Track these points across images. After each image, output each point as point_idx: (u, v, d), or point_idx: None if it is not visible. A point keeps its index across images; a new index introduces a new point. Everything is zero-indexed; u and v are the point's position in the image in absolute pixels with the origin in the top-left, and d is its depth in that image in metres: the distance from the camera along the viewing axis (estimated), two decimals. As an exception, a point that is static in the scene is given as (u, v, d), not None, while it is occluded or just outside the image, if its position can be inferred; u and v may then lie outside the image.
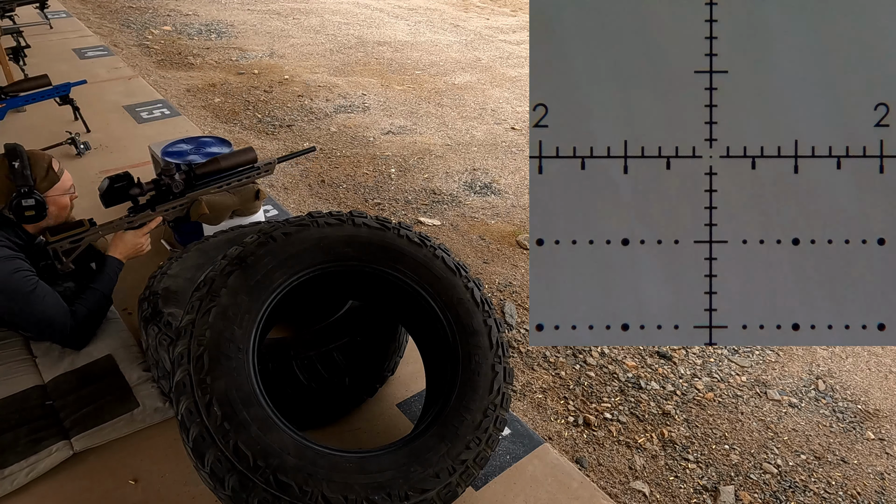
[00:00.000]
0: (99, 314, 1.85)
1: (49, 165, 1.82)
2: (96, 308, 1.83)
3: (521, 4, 8.33)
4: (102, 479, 1.52)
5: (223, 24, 6.54)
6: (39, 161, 1.80)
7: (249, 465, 1.17)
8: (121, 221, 1.94)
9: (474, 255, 3.13)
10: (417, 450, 1.33)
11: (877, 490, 2.08)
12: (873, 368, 2.57)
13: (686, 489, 2.05)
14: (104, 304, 1.87)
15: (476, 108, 4.91)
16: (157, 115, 3.66)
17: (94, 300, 1.83)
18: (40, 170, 1.79)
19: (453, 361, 1.47)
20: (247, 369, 1.28)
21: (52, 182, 1.82)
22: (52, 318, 1.73)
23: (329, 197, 3.59)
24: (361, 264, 1.52)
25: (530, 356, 2.53)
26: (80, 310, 1.78)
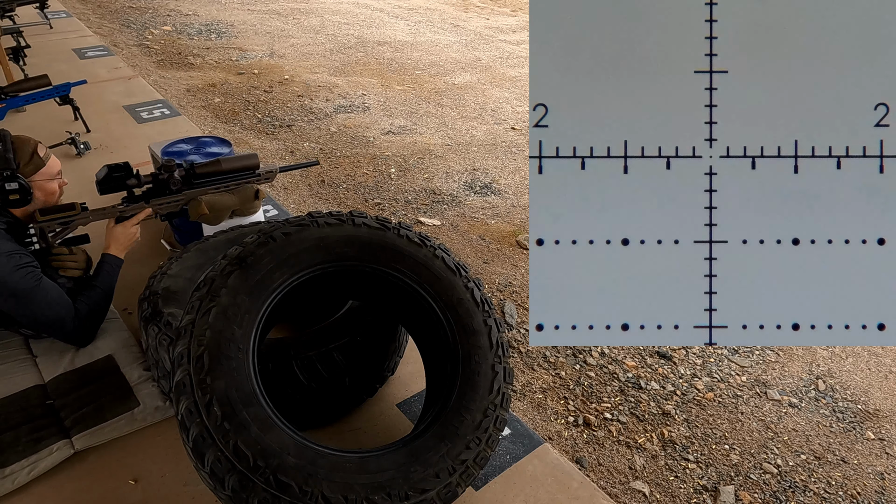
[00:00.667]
0: (101, 312, 1.85)
1: (34, 150, 1.80)
2: (98, 306, 1.83)
3: (521, 4, 8.33)
4: (102, 479, 1.52)
5: (223, 24, 6.54)
6: (23, 146, 1.78)
7: (249, 465, 1.17)
8: (113, 209, 1.93)
9: (474, 255, 3.13)
10: (417, 450, 1.33)
11: (877, 490, 2.08)
12: (873, 368, 2.57)
13: (686, 489, 2.05)
14: (105, 302, 1.87)
15: (476, 108, 4.91)
16: (157, 115, 3.66)
17: (95, 298, 1.83)
18: (24, 154, 1.77)
19: (453, 361, 1.47)
20: (247, 369, 1.28)
21: (37, 167, 1.80)
22: (55, 316, 1.72)
23: (329, 197, 3.59)
24: (361, 264, 1.52)
25: (530, 356, 2.53)
26: (82, 307, 1.78)
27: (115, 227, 1.93)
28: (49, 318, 1.72)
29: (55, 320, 1.73)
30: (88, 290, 1.83)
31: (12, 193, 1.73)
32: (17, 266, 1.68)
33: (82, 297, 1.80)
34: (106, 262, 1.90)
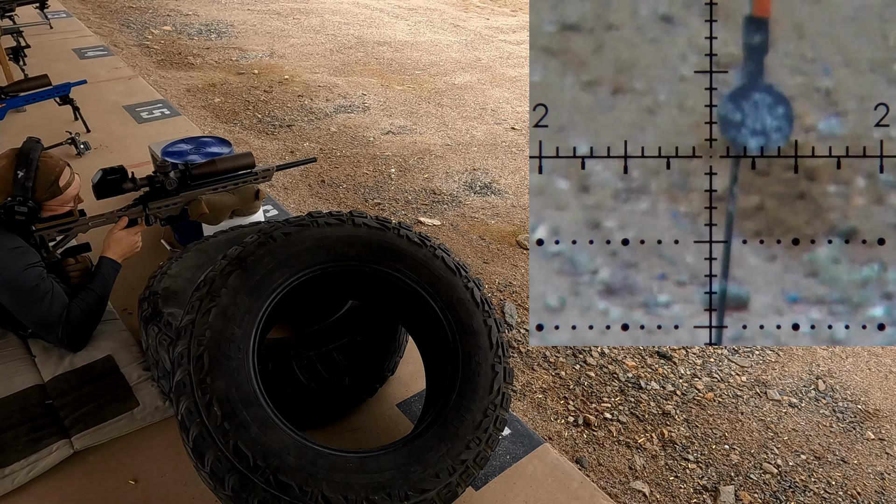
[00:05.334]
0: (94, 316, 1.83)
1: (55, 180, 1.79)
2: (91, 310, 1.81)
3: (521, 4, 8.33)
4: (102, 479, 1.52)
5: (223, 24, 6.54)
6: (47, 175, 1.78)
7: (249, 465, 1.17)
8: (111, 215, 1.92)
9: (474, 255, 3.13)
10: (417, 450, 1.33)
11: (877, 490, 2.08)
12: (873, 368, 2.57)
13: (686, 489, 2.05)
14: (99, 306, 1.84)
15: (476, 108, 4.91)
16: (157, 115, 3.66)
17: (89, 302, 1.80)
18: (44, 182, 1.77)
19: (453, 361, 1.47)
20: (247, 369, 1.28)
21: (53, 194, 1.80)
22: (53, 317, 1.72)
23: (329, 197, 3.59)
24: (361, 264, 1.52)
25: (530, 356, 2.53)
26: (74, 311, 1.76)
27: (118, 233, 1.92)
28: (45, 320, 1.72)
29: (51, 322, 1.72)
30: (83, 294, 1.81)
31: (19, 215, 1.74)
32: (27, 265, 1.68)
33: (76, 301, 1.78)
34: (103, 266, 1.88)
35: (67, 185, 1.84)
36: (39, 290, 1.69)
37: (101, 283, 1.85)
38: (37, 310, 1.70)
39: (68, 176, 1.85)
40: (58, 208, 1.84)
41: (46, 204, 1.80)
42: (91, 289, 1.83)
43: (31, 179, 1.75)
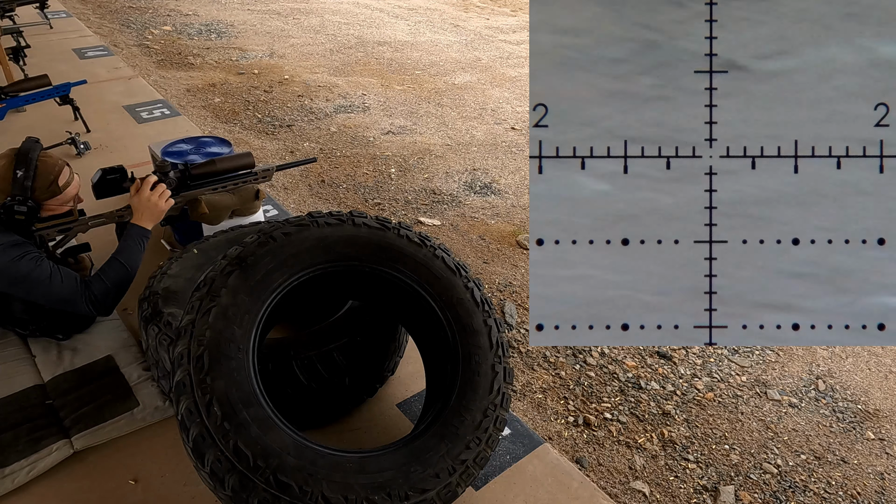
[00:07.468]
0: (120, 286, 1.74)
1: (54, 180, 1.78)
2: (115, 280, 1.73)
3: (521, 4, 8.33)
4: (102, 479, 1.52)
5: (223, 24, 6.54)
6: (46, 174, 1.76)
7: (249, 465, 1.17)
8: (111, 215, 1.91)
9: (474, 255, 3.13)
10: (417, 450, 1.33)
11: (877, 490, 2.08)
12: (873, 368, 2.57)
13: (686, 489, 2.05)
14: (125, 276, 1.75)
15: (476, 108, 4.91)
16: (157, 115, 3.66)
17: (111, 274, 1.73)
18: (43, 182, 1.76)
19: (453, 361, 1.47)
20: (247, 369, 1.28)
21: (52, 194, 1.79)
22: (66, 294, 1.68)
23: (329, 197, 3.59)
24: (361, 264, 1.52)
25: (530, 356, 2.53)
26: (95, 283, 1.71)
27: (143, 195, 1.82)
28: (60, 296, 1.67)
29: (68, 297, 1.68)
30: (107, 265, 1.75)
31: (18, 214, 1.73)
32: (22, 254, 1.66)
33: (99, 272, 1.73)
34: (128, 233, 1.80)
35: (67, 184, 1.83)
36: (40, 272, 1.66)
37: (125, 252, 1.77)
38: (46, 290, 1.67)
39: (67, 175, 1.84)
40: (57, 208, 1.84)
41: (46, 204, 1.80)
42: (116, 258, 1.76)
43: (31, 179, 1.74)
